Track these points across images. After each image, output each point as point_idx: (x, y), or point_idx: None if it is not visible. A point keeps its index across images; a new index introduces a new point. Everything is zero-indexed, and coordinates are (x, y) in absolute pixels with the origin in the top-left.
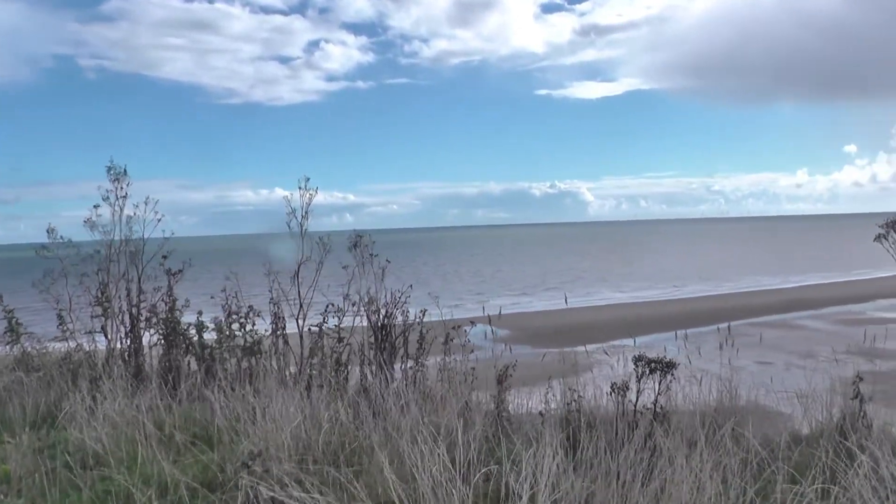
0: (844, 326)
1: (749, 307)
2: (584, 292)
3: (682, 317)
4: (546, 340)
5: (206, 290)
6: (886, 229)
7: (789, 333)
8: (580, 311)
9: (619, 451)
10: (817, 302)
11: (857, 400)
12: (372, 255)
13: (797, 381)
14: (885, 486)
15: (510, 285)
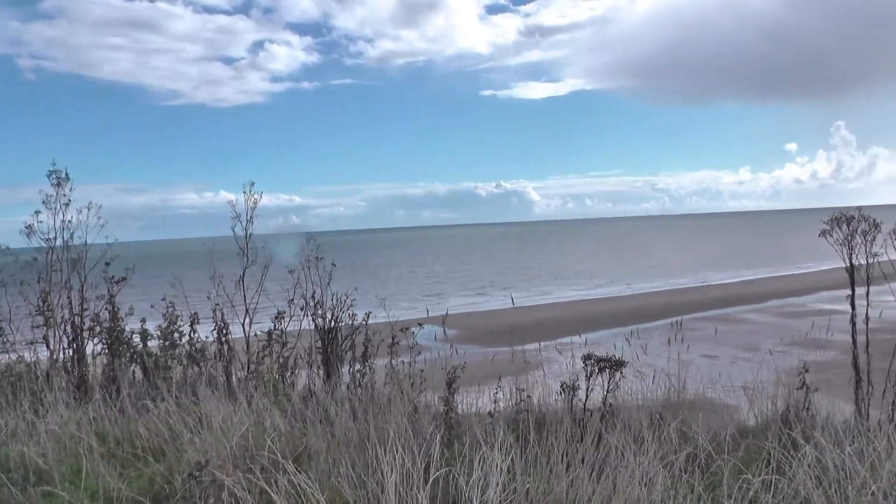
0: (788, 319)
1: (695, 302)
2: (534, 291)
3: (630, 313)
4: (496, 339)
5: (150, 297)
6: (831, 225)
7: (734, 327)
8: (530, 310)
9: (569, 449)
10: (761, 296)
11: (802, 390)
12: (318, 257)
13: (743, 373)
14: (828, 475)
15: (459, 285)
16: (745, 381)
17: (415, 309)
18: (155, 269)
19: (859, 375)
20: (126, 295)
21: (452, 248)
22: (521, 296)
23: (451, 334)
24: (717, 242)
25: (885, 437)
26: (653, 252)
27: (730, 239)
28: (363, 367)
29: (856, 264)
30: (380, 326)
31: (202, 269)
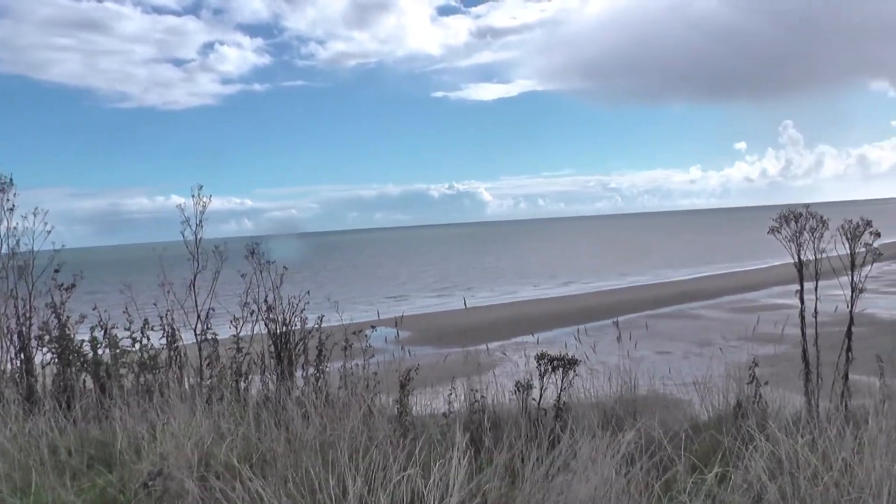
0: (740, 314)
1: (648, 299)
2: (488, 291)
3: (584, 311)
4: (450, 340)
5: (100, 304)
6: (780, 222)
7: (687, 323)
8: (484, 310)
9: (524, 449)
10: (714, 292)
11: (752, 384)
12: (269, 261)
13: (695, 369)
14: (781, 466)
15: (413, 287)
16: (698, 377)
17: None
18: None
19: (809, 368)
20: (76, 302)
21: (406, 249)
22: (475, 296)
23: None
24: (670, 240)
25: (835, 428)
26: (606, 251)
27: (682, 237)
28: (317, 371)
29: (805, 260)
30: (333, 329)
31: (154, 275)
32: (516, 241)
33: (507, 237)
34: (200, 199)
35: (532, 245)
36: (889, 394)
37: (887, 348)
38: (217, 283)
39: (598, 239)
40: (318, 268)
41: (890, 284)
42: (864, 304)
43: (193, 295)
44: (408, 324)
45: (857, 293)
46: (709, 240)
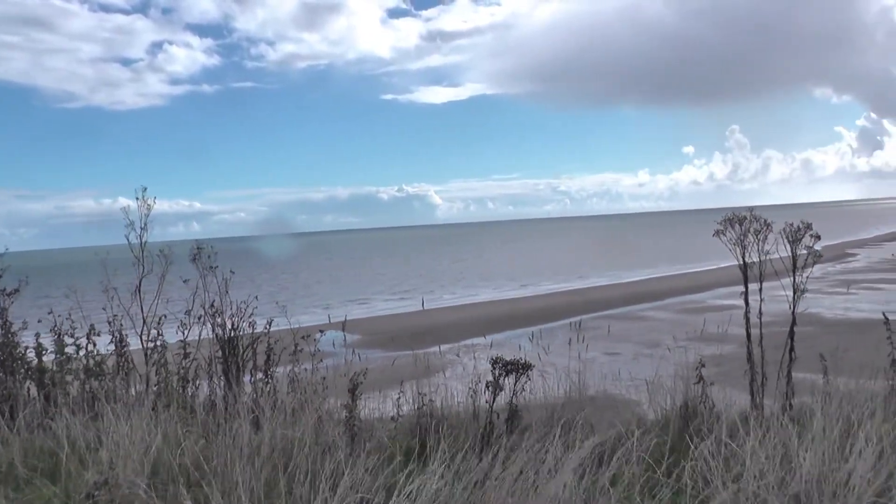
0: (687, 315)
1: (597, 301)
2: (439, 294)
3: (534, 313)
4: (401, 344)
5: (46, 310)
6: (725, 225)
7: (636, 324)
8: (435, 313)
9: (474, 451)
10: (661, 293)
11: (699, 384)
12: (213, 266)
13: (644, 369)
14: (727, 465)
15: (363, 290)
16: (646, 377)
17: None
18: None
19: (753, 368)
20: (20, 308)
21: (356, 252)
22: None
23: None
24: (619, 243)
25: (779, 427)
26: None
27: (631, 239)
28: (265, 376)
29: (749, 262)
30: (282, 334)
31: (100, 279)
32: (467, 244)
33: (458, 240)
34: (145, 202)
35: (483, 248)
36: (832, 391)
37: (831, 347)
38: (163, 287)
39: (547, 242)
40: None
41: (834, 285)
42: (810, 304)
43: (139, 300)
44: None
45: (798, 294)
46: (657, 242)
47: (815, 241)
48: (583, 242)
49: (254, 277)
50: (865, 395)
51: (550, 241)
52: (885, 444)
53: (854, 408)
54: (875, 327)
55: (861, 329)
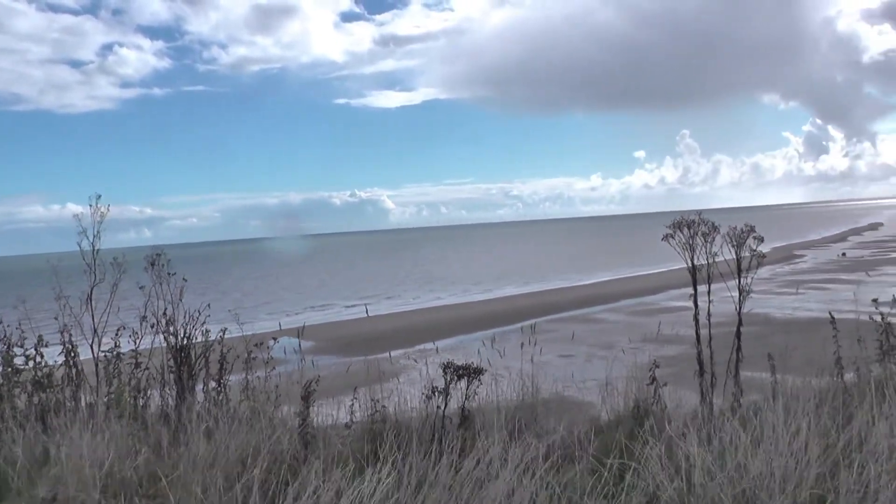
0: (640, 317)
1: (552, 304)
2: (394, 298)
3: (489, 317)
4: (354, 349)
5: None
6: (673, 229)
7: (590, 327)
8: (390, 318)
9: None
10: (615, 296)
11: (652, 386)
12: (170, 273)
13: (598, 371)
14: (677, 464)
15: (317, 295)
16: (600, 379)
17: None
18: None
19: (703, 368)
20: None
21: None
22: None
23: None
24: (572, 246)
25: (728, 426)
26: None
27: (584, 243)
28: (218, 385)
29: (698, 264)
30: (235, 342)
31: (49, 288)
32: (421, 248)
33: (412, 245)
34: (98, 209)
35: (437, 252)
36: (779, 390)
37: (780, 346)
38: (115, 295)
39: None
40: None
41: (783, 285)
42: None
43: (90, 309)
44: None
45: (744, 295)
46: (610, 245)
47: (758, 244)
48: (536, 246)
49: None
50: (812, 392)
51: (504, 246)
52: (829, 440)
53: (800, 405)
54: (822, 326)
55: (809, 328)
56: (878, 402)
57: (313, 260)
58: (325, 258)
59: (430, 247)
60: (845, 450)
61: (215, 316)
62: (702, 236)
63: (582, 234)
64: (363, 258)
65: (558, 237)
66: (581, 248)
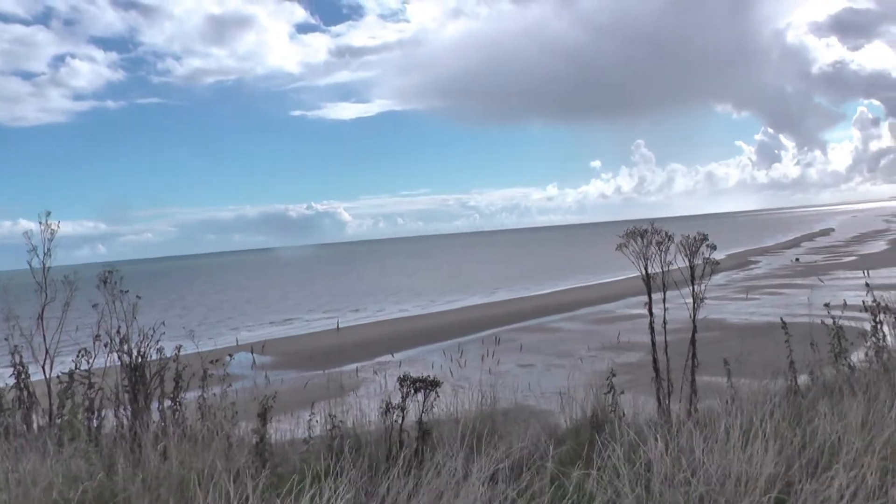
0: (598, 325)
1: (510, 314)
2: (353, 311)
3: (449, 328)
4: (314, 363)
5: None
6: (627, 239)
7: (548, 336)
8: (348, 331)
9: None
10: (572, 304)
11: (609, 394)
12: (122, 290)
13: (557, 380)
14: (635, 470)
15: (276, 310)
16: (559, 387)
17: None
18: None
19: (659, 375)
20: None
21: (268, 272)
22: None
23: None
24: (530, 256)
25: (685, 430)
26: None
27: (541, 252)
28: (174, 403)
29: (653, 273)
30: (191, 359)
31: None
32: (378, 260)
33: (369, 257)
34: (48, 225)
35: (394, 264)
36: (735, 393)
37: (735, 351)
38: (67, 314)
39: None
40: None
41: (738, 291)
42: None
43: (42, 329)
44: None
45: (698, 303)
46: (567, 255)
47: (711, 252)
48: (494, 257)
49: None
50: (766, 396)
51: (462, 256)
52: (783, 442)
53: (755, 408)
54: (777, 330)
55: (764, 332)
56: (832, 403)
57: (271, 274)
58: (284, 272)
59: (388, 259)
60: (801, 451)
61: (172, 333)
62: (656, 245)
63: (539, 244)
64: (322, 271)
65: (516, 247)
66: (539, 257)
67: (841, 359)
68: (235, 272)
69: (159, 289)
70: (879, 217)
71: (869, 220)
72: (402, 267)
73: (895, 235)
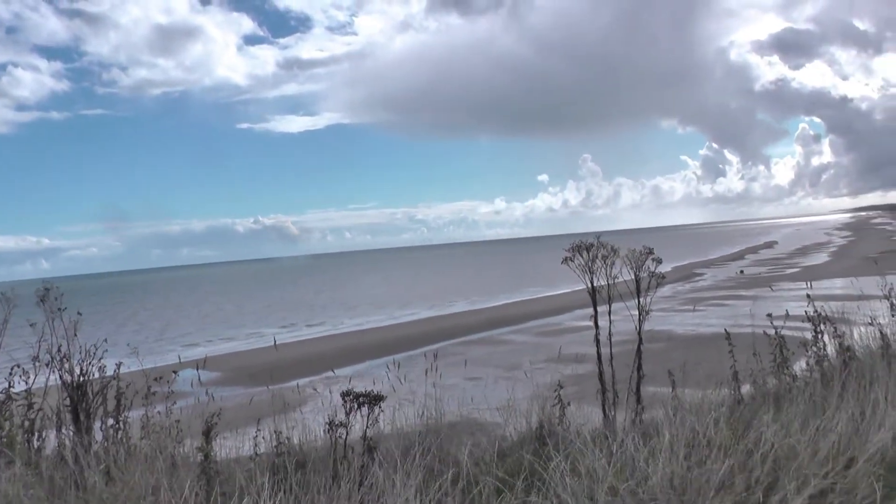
0: (546, 337)
1: (459, 327)
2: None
3: (397, 342)
4: (261, 379)
5: None
6: (572, 253)
7: (497, 348)
8: (297, 345)
9: (332, 488)
10: (521, 317)
11: (557, 406)
12: (60, 308)
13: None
14: (580, 481)
15: (223, 325)
16: (506, 400)
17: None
18: None
19: (605, 387)
20: None
21: (215, 287)
22: (288, 331)
23: (213, 377)
24: (478, 269)
25: (630, 441)
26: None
27: (489, 266)
28: (116, 423)
29: (599, 286)
30: (134, 377)
31: None
32: (326, 274)
33: (317, 271)
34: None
35: (343, 278)
36: (680, 404)
37: (681, 361)
38: (4, 333)
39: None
40: (123, 310)
41: (684, 303)
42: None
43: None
44: (219, 364)
45: (644, 315)
46: (516, 267)
47: (656, 265)
48: (442, 270)
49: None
50: (710, 405)
51: (410, 270)
52: (725, 450)
53: (699, 417)
54: (722, 341)
55: (709, 343)
56: (774, 411)
57: (218, 289)
58: (231, 287)
59: (336, 273)
60: (745, 459)
61: (118, 350)
62: (601, 259)
63: (487, 257)
64: (269, 286)
65: (464, 260)
66: (487, 270)
67: (783, 368)
68: (182, 287)
69: (105, 304)
70: (821, 230)
71: (811, 233)
72: (351, 281)
73: (836, 248)
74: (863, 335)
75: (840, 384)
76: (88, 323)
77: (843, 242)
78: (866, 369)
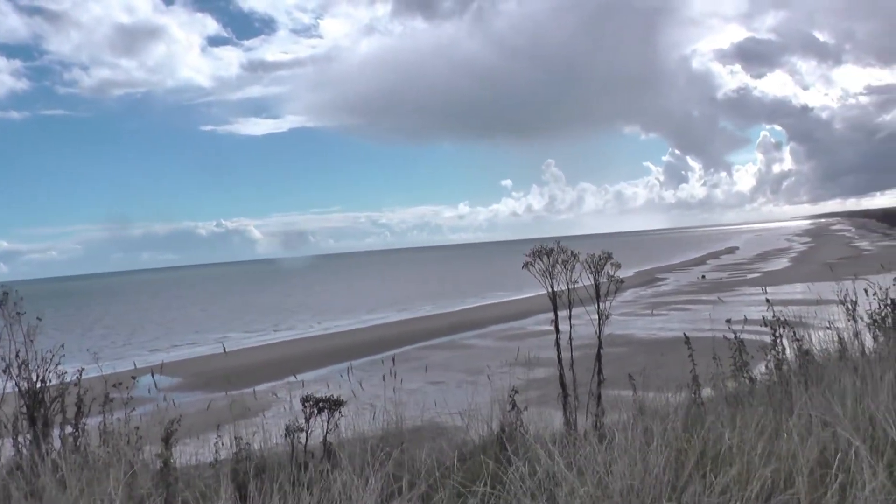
0: (508, 341)
1: (422, 331)
2: (263, 330)
3: (360, 346)
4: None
5: None
6: (533, 258)
7: (460, 353)
8: (258, 350)
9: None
10: (483, 321)
11: (513, 411)
12: (18, 313)
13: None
14: (541, 485)
15: (185, 330)
16: (468, 404)
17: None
18: None
19: (566, 391)
20: None
21: (177, 291)
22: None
23: (175, 383)
24: (442, 274)
25: (589, 444)
26: (380, 286)
27: (453, 270)
28: (75, 430)
29: (560, 290)
30: (93, 382)
31: None
32: (289, 279)
33: (280, 275)
34: None
35: (306, 282)
36: (640, 406)
37: (642, 365)
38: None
39: (371, 275)
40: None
41: (646, 307)
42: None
43: None
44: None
45: (603, 319)
46: (479, 272)
47: (616, 270)
48: (406, 274)
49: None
50: (669, 408)
51: (374, 274)
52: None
53: (657, 420)
54: (682, 345)
55: (670, 347)
56: (731, 413)
57: (181, 293)
58: (194, 291)
59: (299, 277)
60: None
61: (77, 356)
62: (562, 263)
63: (451, 262)
64: (232, 290)
65: (428, 265)
66: (451, 275)
67: (742, 372)
68: (145, 291)
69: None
70: (782, 236)
71: (772, 238)
72: (315, 285)
73: (797, 254)
74: (821, 339)
75: (802, 387)
76: (52, 328)
77: (803, 248)
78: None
